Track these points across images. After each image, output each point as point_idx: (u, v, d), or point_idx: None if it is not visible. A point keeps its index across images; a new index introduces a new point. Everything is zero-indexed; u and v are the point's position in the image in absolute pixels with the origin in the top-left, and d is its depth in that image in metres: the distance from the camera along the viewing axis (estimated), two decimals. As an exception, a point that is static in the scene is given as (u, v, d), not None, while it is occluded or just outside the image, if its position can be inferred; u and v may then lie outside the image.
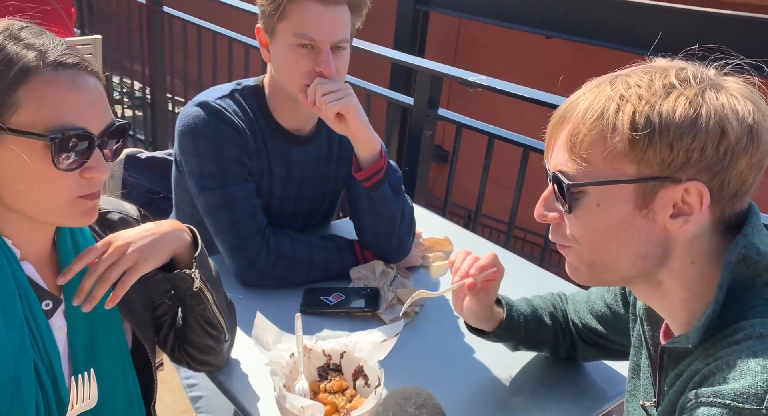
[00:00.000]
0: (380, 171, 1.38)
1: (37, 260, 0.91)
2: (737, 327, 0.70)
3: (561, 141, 0.76)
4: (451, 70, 2.21)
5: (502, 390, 1.16)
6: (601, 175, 0.73)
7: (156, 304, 1.08)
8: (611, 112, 0.71)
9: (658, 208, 0.72)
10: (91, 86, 0.84)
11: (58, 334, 0.90)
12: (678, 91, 0.70)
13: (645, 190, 0.72)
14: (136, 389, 1.00)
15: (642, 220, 0.73)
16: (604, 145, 0.72)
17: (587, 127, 0.72)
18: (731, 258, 0.71)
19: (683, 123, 0.68)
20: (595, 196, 0.74)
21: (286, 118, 1.45)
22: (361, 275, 1.45)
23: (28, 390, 0.84)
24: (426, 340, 1.29)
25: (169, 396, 2.16)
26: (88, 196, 0.86)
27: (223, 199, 1.37)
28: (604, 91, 0.73)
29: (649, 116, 0.69)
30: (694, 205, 0.71)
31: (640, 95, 0.70)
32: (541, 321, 1.17)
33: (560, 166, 0.76)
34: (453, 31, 7.25)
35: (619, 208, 0.73)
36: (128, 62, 3.97)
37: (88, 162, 0.83)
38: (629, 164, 0.71)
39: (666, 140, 0.69)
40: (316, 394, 1.05)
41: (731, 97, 0.70)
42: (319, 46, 1.30)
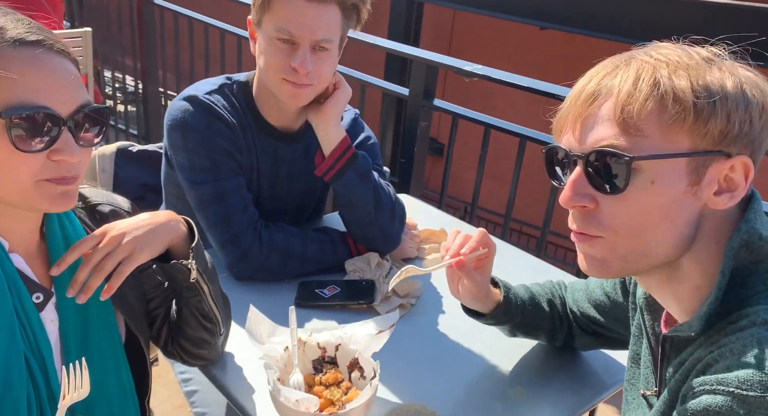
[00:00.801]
0: (344, 155, 1.38)
1: (26, 252, 0.89)
2: (741, 314, 0.69)
3: (602, 116, 0.70)
4: (447, 60, 2.19)
5: (500, 380, 1.16)
6: (657, 149, 0.68)
7: (149, 297, 1.07)
8: (665, 80, 0.67)
9: (705, 185, 0.69)
10: (55, 65, 0.80)
11: (50, 327, 0.89)
12: (717, 63, 0.68)
13: (698, 164, 0.68)
14: (130, 383, 0.99)
15: (690, 198, 0.70)
16: (662, 115, 0.67)
17: (643, 96, 0.67)
18: (734, 244, 0.70)
19: (737, 94, 0.67)
20: (650, 173, 0.69)
21: (272, 115, 1.44)
22: (356, 268, 1.44)
23: (19, 384, 0.82)
24: (422, 331, 1.28)
25: (165, 392, 2.15)
26: (57, 180, 0.81)
27: (214, 192, 1.36)
28: (645, 64, 0.69)
29: (708, 86, 0.67)
30: (738, 180, 0.69)
31: (688, 65, 0.68)
32: (539, 307, 1.16)
33: (606, 141, 0.69)
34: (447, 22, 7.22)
35: (673, 185, 0.69)
36: (120, 56, 3.93)
37: (56, 144, 0.79)
38: (685, 136, 0.68)
39: (725, 110, 0.67)
40: (311, 387, 1.04)
41: (751, 72, 0.70)
42: (299, 42, 1.28)
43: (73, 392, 0.84)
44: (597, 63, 0.75)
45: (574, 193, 0.73)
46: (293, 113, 1.44)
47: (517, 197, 2.22)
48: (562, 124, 0.76)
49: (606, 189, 0.71)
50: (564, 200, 0.74)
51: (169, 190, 1.52)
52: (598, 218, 0.72)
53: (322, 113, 1.37)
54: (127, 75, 4.08)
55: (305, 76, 1.30)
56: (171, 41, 3.37)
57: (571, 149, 0.73)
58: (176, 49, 3.33)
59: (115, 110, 4.22)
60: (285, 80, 1.31)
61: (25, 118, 0.76)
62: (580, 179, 0.72)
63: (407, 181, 2.40)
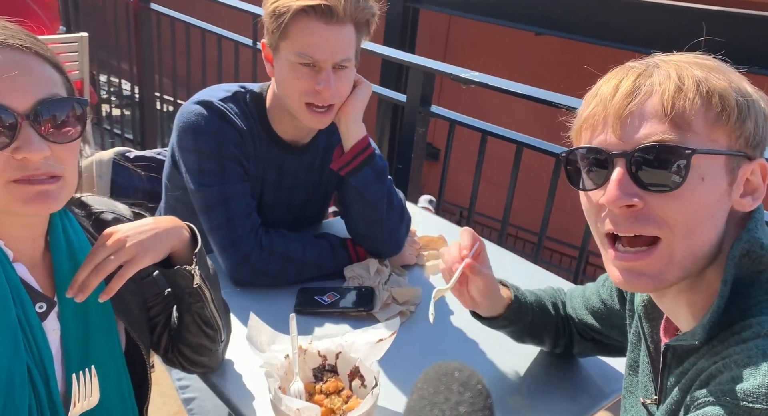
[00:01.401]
0: (363, 152, 1.40)
1: (30, 262, 0.89)
2: (744, 325, 0.69)
3: (649, 113, 0.69)
4: (444, 67, 2.20)
5: (500, 388, 1.16)
6: (704, 146, 0.68)
7: (150, 305, 1.07)
8: (706, 80, 0.68)
9: (736, 186, 0.71)
10: (9, 60, 0.76)
11: (52, 336, 0.88)
12: (731, 70, 0.71)
13: (734, 165, 0.70)
14: (130, 391, 0.99)
15: (727, 198, 0.71)
16: (708, 113, 0.68)
17: (692, 92, 0.68)
18: (735, 253, 0.70)
19: (757, 98, 0.70)
20: (700, 169, 0.68)
21: (284, 129, 1.46)
22: (356, 274, 1.44)
23: (21, 394, 0.82)
24: (422, 339, 1.28)
25: (161, 399, 2.14)
26: (26, 180, 0.78)
27: (220, 196, 1.36)
28: (677, 65, 0.70)
29: (740, 88, 0.69)
30: (757, 183, 0.71)
31: (715, 67, 0.70)
32: (545, 308, 1.17)
33: (657, 136, 0.68)
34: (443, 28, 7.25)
35: (719, 183, 0.70)
36: (116, 61, 3.92)
37: (16, 141, 0.75)
38: (724, 135, 0.69)
39: (754, 113, 0.69)
40: (311, 395, 1.04)
41: None
42: (321, 66, 1.30)
43: (83, 400, 0.83)
44: (611, 68, 0.75)
45: (622, 192, 0.70)
46: (306, 129, 1.46)
47: (515, 202, 2.23)
48: (591, 125, 0.73)
49: (658, 186, 0.69)
50: (611, 199, 0.70)
51: (170, 191, 1.53)
52: (651, 216, 0.70)
53: (344, 110, 1.39)
54: (123, 80, 4.07)
55: (329, 97, 1.33)
56: (167, 46, 3.37)
57: (610, 148, 0.71)
58: (173, 54, 3.33)
59: (111, 114, 4.20)
60: (309, 105, 1.33)
61: None
62: (625, 178, 0.70)
63: (404, 187, 2.41)
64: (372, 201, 1.43)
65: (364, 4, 1.31)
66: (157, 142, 3.72)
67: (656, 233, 0.71)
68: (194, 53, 3.18)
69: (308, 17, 1.26)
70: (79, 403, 0.83)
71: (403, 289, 1.40)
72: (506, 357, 1.23)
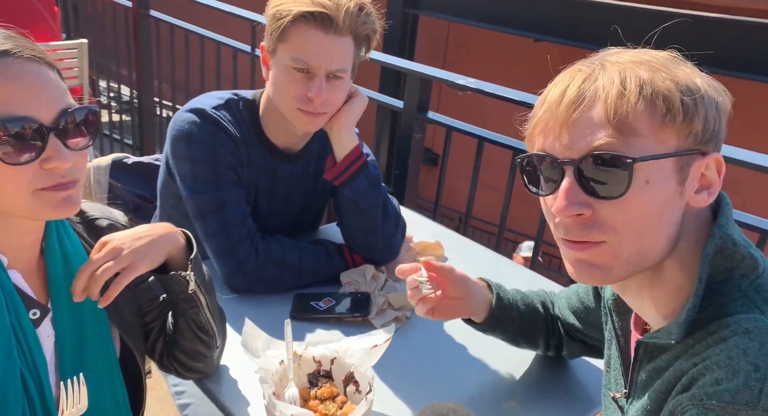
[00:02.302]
0: (356, 162, 1.40)
1: (25, 269, 0.89)
2: (721, 324, 0.68)
3: (594, 120, 0.69)
4: (441, 74, 2.21)
5: (494, 394, 1.16)
6: (650, 149, 0.68)
7: (145, 311, 1.07)
8: (650, 80, 0.68)
9: (688, 183, 0.70)
10: (28, 72, 0.78)
11: (46, 343, 0.89)
12: (682, 63, 0.70)
13: (683, 164, 0.69)
14: (125, 398, 0.99)
15: (678, 197, 0.71)
16: (652, 115, 0.68)
17: (634, 96, 0.67)
18: (709, 250, 0.70)
19: (706, 92, 0.68)
20: (645, 173, 0.68)
21: (277, 136, 1.46)
22: (352, 280, 1.44)
23: (14, 401, 0.82)
24: (417, 345, 1.28)
25: (157, 405, 2.14)
26: (54, 187, 0.81)
27: (214, 203, 1.37)
28: (623, 66, 0.69)
29: (688, 86, 0.68)
30: (712, 178, 0.71)
31: (662, 64, 0.69)
32: (534, 308, 1.17)
33: (602, 143, 0.68)
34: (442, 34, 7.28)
35: (666, 185, 0.69)
36: (115, 66, 3.94)
37: (45, 153, 0.78)
38: (673, 135, 0.68)
39: (703, 109, 0.68)
40: (306, 401, 1.05)
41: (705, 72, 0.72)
42: (314, 72, 1.31)
43: (71, 407, 0.84)
44: (563, 69, 0.75)
45: (570, 202, 0.70)
46: (299, 135, 1.46)
47: (512, 208, 2.24)
48: (541, 131, 0.74)
49: (605, 193, 0.69)
50: (559, 209, 0.71)
51: (165, 199, 1.53)
52: (598, 223, 0.71)
53: (337, 119, 1.39)
54: (122, 85, 4.09)
55: (320, 105, 1.33)
56: (166, 52, 3.38)
57: (559, 156, 0.71)
58: (171, 60, 3.34)
59: (110, 120, 4.21)
60: (300, 110, 1.34)
61: (8, 132, 0.75)
62: (573, 187, 0.71)
63: (401, 192, 2.41)
64: (366, 210, 1.43)
65: (366, 19, 1.32)
66: (157, 147, 3.73)
67: (603, 238, 0.71)
68: (193, 59, 3.19)
69: (307, 23, 1.27)
70: (67, 410, 0.83)
71: (398, 295, 1.40)
72: (501, 363, 1.23)
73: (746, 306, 0.68)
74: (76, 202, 0.84)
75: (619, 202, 0.69)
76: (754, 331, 0.66)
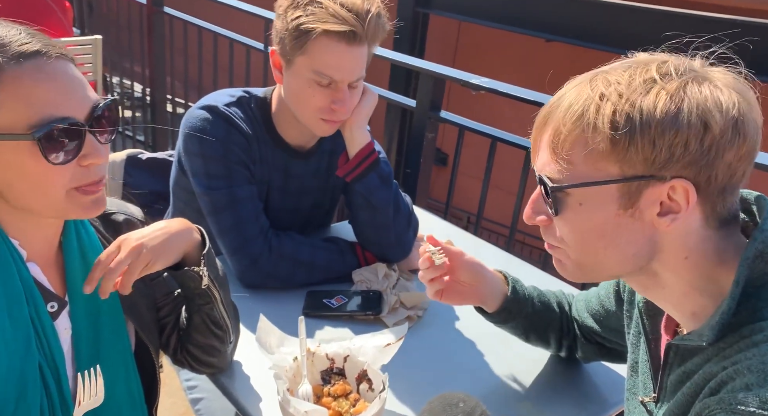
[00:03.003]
0: (368, 158, 1.41)
1: (43, 262, 0.90)
2: (754, 328, 0.68)
3: (544, 142, 0.75)
4: (454, 73, 2.21)
5: (507, 395, 1.16)
6: (583, 176, 0.72)
7: (160, 305, 1.08)
8: (591, 111, 0.69)
9: (645, 207, 0.71)
10: (61, 71, 0.79)
11: (63, 336, 0.89)
12: (659, 85, 0.68)
13: (630, 189, 0.70)
14: (139, 391, 1.00)
15: (628, 219, 0.72)
16: (585, 145, 0.71)
17: (568, 127, 0.71)
18: (749, 254, 0.70)
19: (664, 119, 0.67)
20: (578, 196, 0.74)
21: (289, 133, 1.47)
22: (364, 278, 1.44)
23: (33, 392, 0.83)
24: (430, 344, 1.28)
25: (169, 399, 2.15)
26: (89, 186, 0.83)
27: (227, 199, 1.37)
28: (584, 90, 0.71)
29: (629, 114, 0.68)
30: (681, 203, 0.69)
31: (620, 93, 0.69)
32: (549, 306, 1.18)
33: (544, 168, 0.76)
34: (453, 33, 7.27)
35: (603, 208, 0.72)
36: (128, 63, 3.96)
37: (84, 149, 0.80)
38: (612, 163, 0.70)
39: (648, 138, 0.67)
40: (319, 398, 1.05)
41: (715, 88, 0.68)
42: (338, 86, 1.31)
43: (88, 399, 0.84)
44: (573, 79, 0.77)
45: (533, 211, 0.81)
46: (311, 133, 1.46)
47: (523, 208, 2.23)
48: (532, 142, 0.80)
49: (549, 210, 0.78)
50: (524, 216, 0.82)
51: (178, 196, 1.54)
52: (552, 232, 0.80)
53: (349, 116, 1.39)
54: (135, 82, 4.11)
55: (344, 114, 1.35)
56: (179, 49, 3.40)
57: (534, 168, 0.79)
58: (185, 57, 3.36)
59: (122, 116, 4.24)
60: (322, 119, 1.35)
61: (53, 134, 0.77)
62: (538, 198, 0.80)
63: (413, 191, 2.41)
64: (378, 207, 1.43)
65: (382, 23, 1.32)
66: (169, 144, 3.75)
67: (555, 244, 0.80)
68: (206, 57, 3.21)
69: (330, 39, 1.25)
70: (84, 402, 0.84)
71: (411, 294, 1.40)
72: (515, 363, 1.23)
73: None
74: (103, 203, 0.86)
75: (559, 219, 0.77)
76: None
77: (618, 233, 0.73)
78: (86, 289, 0.87)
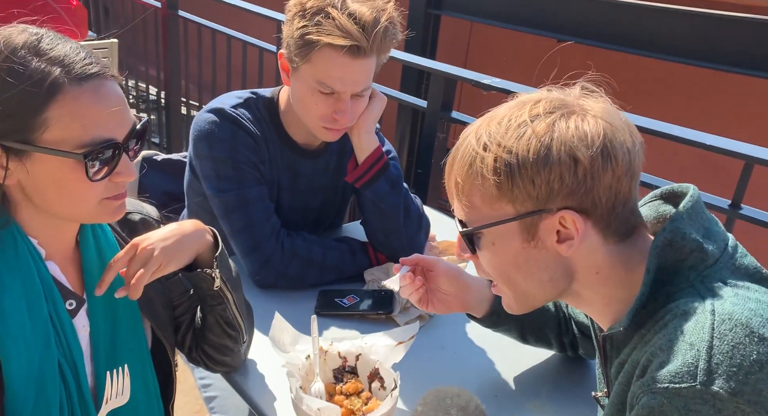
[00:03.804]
0: (376, 164, 1.41)
1: (61, 260, 0.92)
2: (666, 310, 0.73)
3: (452, 189, 0.82)
4: (465, 73, 2.21)
5: (518, 393, 1.16)
6: (486, 217, 0.79)
7: (175, 304, 1.09)
8: (477, 161, 0.77)
9: (544, 237, 0.77)
10: (113, 93, 0.84)
11: (81, 333, 0.91)
12: (530, 128, 0.74)
13: (527, 224, 0.77)
14: (156, 389, 1.01)
15: (534, 250, 0.79)
16: (479, 190, 0.78)
17: (462, 178, 0.79)
18: (657, 243, 0.75)
19: (537, 159, 0.73)
20: (489, 236, 0.81)
21: (297, 133, 1.47)
22: (375, 278, 1.45)
23: (52, 388, 0.85)
24: (441, 343, 1.29)
25: (183, 398, 2.18)
26: (115, 197, 0.88)
27: (238, 200, 1.39)
28: (472, 141, 0.78)
29: (506, 160, 0.75)
30: (569, 231, 0.76)
31: (498, 142, 0.75)
32: (543, 307, 1.18)
33: (457, 212, 0.83)
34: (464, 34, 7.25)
35: (510, 244, 0.79)
36: (143, 66, 4.01)
37: (117, 168, 0.85)
38: (505, 203, 0.77)
39: (527, 177, 0.74)
40: (331, 396, 1.06)
41: (582, 121, 0.74)
42: (340, 96, 1.31)
43: (114, 398, 0.87)
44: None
45: (461, 249, 0.87)
46: None
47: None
48: (446, 187, 0.85)
49: (470, 249, 0.84)
50: (456, 254, 0.89)
51: (191, 198, 1.56)
52: (481, 268, 0.86)
53: (357, 122, 1.40)
54: (150, 85, 4.16)
55: (346, 123, 1.35)
56: (194, 53, 3.43)
57: None
58: (199, 60, 3.39)
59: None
60: (324, 127, 1.35)
61: (97, 154, 0.81)
62: (461, 238, 0.85)
63: (424, 192, 2.41)
64: (388, 212, 1.44)
65: (391, 36, 1.30)
66: (183, 146, 3.79)
67: (491, 279, 0.87)
68: (219, 59, 3.24)
69: (335, 51, 1.24)
70: (111, 400, 0.86)
71: None
72: (526, 362, 1.23)
73: (690, 294, 0.73)
74: (125, 207, 0.92)
75: (480, 257, 0.84)
76: (690, 311, 0.70)
77: (530, 263, 0.80)
78: (98, 292, 0.90)
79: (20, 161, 0.80)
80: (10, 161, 0.80)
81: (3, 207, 0.85)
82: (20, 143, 0.79)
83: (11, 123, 0.78)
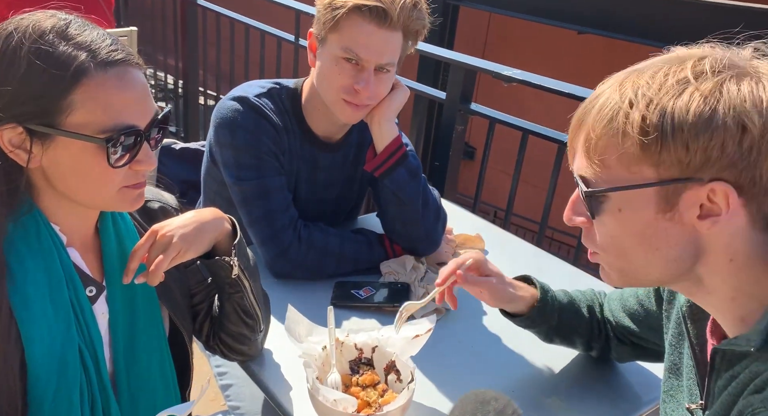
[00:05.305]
0: (396, 153, 1.41)
1: (82, 247, 0.93)
2: None
3: (579, 145, 0.74)
4: (486, 64, 2.18)
5: (536, 389, 1.15)
6: (619, 179, 0.70)
7: (193, 292, 1.10)
8: (621, 117, 0.68)
9: (684, 210, 0.68)
10: (137, 81, 0.84)
11: (101, 320, 0.92)
12: (693, 86, 0.65)
13: (667, 192, 0.68)
14: (173, 376, 1.02)
15: (668, 223, 0.70)
16: (617, 149, 0.69)
17: (598, 132, 0.70)
18: None
19: (698, 122, 0.64)
20: (616, 201, 0.71)
21: (318, 124, 1.47)
22: (392, 270, 1.44)
23: (73, 373, 0.86)
24: (458, 337, 1.28)
25: (199, 385, 2.20)
26: (135, 185, 0.88)
27: (258, 190, 1.39)
28: (613, 96, 0.69)
29: (658, 120, 0.65)
30: (721, 205, 0.66)
31: (650, 98, 0.66)
32: (578, 312, 1.16)
33: (580, 171, 0.74)
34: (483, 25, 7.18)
35: (641, 213, 0.70)
36: (161, 55, 4.03)
37: (138, 156, 0.85)
38: (646, 166, 0.68)
39: (681, 141, 0.65)
40: (347, 388, 1.06)
41: (757, 85, 0.65)
42: (364, 65, 1.31)
43: None
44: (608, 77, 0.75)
45: (572, 212, 0.78)
46: (340, 124, 1.47)
47: (554, 204, 2.20)
48: (569, 143, 0.78)
49: (589, 213, 0.75)
50: (564, 217, 0.79)
51: (209, 186, 1.56)
52: (591, 236, 0.77)
53: (378, 110, 1.40)
54: (168, 74, 4.18)
55: (366, 98, 1.34)
56: (212, 41, 3.44)
57: (573, 170, 0.77)
58: (217, 49, 3.40)
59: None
60: (345, 101, 1.35)
61: (120, 141, 0.81)
62: (577, 199, 0.77)
63: (441, 185, 2.40)
64: (407, 201, 1.43)
65: (418, 15, 1.32)
66: (201, 135, 3.81)
67: (594, 249, 0.78)
68: (238, 49, 3.24)
69: (362, 16, 1.27)
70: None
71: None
72: (544, 358, 1.22)
73: None
74: (144, 196, 0.92)
75: (598, 222, 0.74)
76: None
77: (658, 237, 0.71)
78: (125, 280, 0.91)
79: (43, 145, 0.80)
80: (34, 145, 0.80)
81: (26, 193, 0.85)
82: (44, 126, 0.79)
83: (36, 105, 0.79)
